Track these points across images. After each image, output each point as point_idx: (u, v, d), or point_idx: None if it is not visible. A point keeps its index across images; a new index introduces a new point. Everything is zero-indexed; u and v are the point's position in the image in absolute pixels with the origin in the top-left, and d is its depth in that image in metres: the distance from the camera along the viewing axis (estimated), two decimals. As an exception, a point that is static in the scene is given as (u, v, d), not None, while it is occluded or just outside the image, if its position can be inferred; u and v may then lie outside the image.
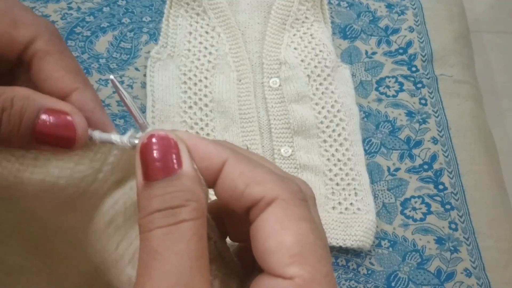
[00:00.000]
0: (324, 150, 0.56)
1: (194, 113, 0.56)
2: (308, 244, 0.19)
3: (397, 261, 0.52)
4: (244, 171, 0.20)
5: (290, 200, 0.20)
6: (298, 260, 0.19)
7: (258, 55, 0.60)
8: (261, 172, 0.20)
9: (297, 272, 0.18)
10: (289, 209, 0.20)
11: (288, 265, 0.19)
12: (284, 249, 0.19)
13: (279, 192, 0.20)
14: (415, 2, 0.67)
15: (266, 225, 0.19)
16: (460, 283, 0.52)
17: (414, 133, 0.59)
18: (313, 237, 0.19)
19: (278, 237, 0.19)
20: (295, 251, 0.19)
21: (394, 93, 0.61)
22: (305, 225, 0.19)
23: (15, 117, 0.21)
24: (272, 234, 0.19)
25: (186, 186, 0.20)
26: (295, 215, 0.19)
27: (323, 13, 0.63)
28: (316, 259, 0.19)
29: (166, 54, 0.59)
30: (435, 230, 0.54)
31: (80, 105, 0.23)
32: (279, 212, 0.19)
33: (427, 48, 0.64)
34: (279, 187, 0.20)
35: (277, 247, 0.19)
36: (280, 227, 0.19)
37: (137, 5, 0.64)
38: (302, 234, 0.19)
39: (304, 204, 0.20)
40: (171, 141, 0.20)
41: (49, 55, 0.23)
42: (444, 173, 0.57)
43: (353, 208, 0.53)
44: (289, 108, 0.57)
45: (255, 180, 0.20)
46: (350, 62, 0.62)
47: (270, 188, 0.20)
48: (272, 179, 0.20)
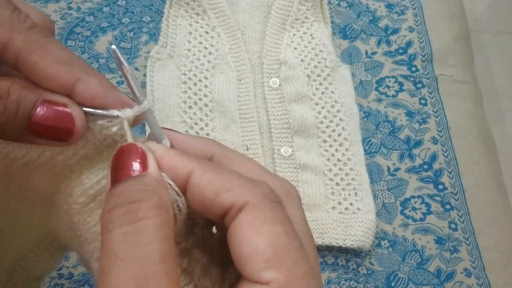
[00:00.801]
0: (324, 150, 0.56)
1: (194, 113, 0.56)
2: (282, 246, 0.19)
3: (397, 261, 0.52)
4: (211, 180, 0.20)
5: (261, 204, 0.19)
6: (273, 264, 0.18)
7: (258, 55, 0.60)
8: (229, 179, 0.20)
9: (273, 276, 0.18)
10: (259, 213, 0.19)
11: (264, 270, 0.18)
12: (258, 254, 0.19)
13: (249, 197, 0.19)
14: (415, 2, 0.67)
15: (238, 232, 0.19)
16: (460, 283, 0.52)
17: (414, 133, 0.59)
18: (286, 239, 0.19)
19: (251, 243, 0.19)
20: (269, 256, 0.18)
21: (394, 93, 0.61)
22: (277, 228, 0.19)
23: (11, 106, 0.20)
24: (245, 240, 0.19)
25: (148, 183, 0.19)
26: (267, 219, 0.19)
27: (323, 13, 0.63)
28: (291, 261, 0.19)
29: (166, 54, 0.59)
30: (435, 230, 0.54)
31: (88, 95, 0.21)
32: (250, 217, 0.19)
33: (427, 48, 0.64)
34: (248, 192, 0.20)
35: (251, 253, 0.19)
36: (252, 232, 0.19)
37: (137, 5, 0.64)
38: (275, 237, 0.19)
39: (276, 206, 0.20)
40: (139, 149, 0.20)
41: (33, 53, 0.20)
42: (444, 173, 0.57)
43: (353, 208, 0.53)
44: (289, 108, 0.57)
45: (224, 188, 0.20)
46: (350, 62, 0.62)
47: (239, 193, 0.20)
48: (241, 184, 0.20)
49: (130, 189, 0.19)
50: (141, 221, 0.18)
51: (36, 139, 0.21)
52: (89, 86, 0.21)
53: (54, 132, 0.21)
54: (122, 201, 0.19)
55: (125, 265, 0.18)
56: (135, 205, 0.19)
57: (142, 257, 0.18)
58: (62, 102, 0.21)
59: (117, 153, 0.21)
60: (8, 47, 0.20)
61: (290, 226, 0.20)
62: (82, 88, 0.21)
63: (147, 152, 0.21)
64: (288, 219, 0.20)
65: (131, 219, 0.18)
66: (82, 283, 0.48)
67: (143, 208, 0.19)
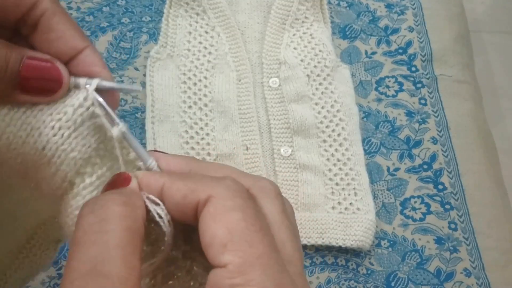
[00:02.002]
0: (324, 150, 0.56)
1: (193, 113, 0.56)
2: (238, 231, 0.20)
3: (396, 261, 0.52)
4: (179, 187, 0.22)
5: (221, 195, 0.21)
6: (229, 248, 0.20)
7: (258, 55, 0.60)
8: (193, 181, 0.22)
9: (229, 259, 0.19)
10: (220, 204, 0.21)
11: (222, 254, 0.20)
12: (216, 240, 0.20)
13: (211, 191, 0.21)
14: (415, 2, 0.67)
15: (203, 223, 0.21)
16: (460, 283, 0.52)
17: (413, 133, 0.59)
18: (243, 224, 0.20)
19: (211, 230, 0.20)
20: (225, 240, 0.20)
21: (394, 93, 0.61)
22: (235, 215, 0.20)
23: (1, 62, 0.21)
24: (207, 229, 0.20)
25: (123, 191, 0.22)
26: (226, 208, 0.21)
27: (323, 13, 0.63)
28: (246, 243, 0.20)
29: (165, 54, 0.59)
30: (434, 230, 0.54)
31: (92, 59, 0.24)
32: (212, 208, 0.21)
33: (427, 48, 0.64)
34: (210, 187, 0.21)
35: (211, 241, 0.20)
36: (212, 221, 0.20)
37: (137, 5, 0.64)
38: (232, 223, 0.20)
39: (238, 194, 0.21)
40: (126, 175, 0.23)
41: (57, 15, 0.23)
42: (443, 173, 0.57)
43: (352, 208, 0.53)
44: (289, 108, 0.57)
45: (190, 190, 0.22)
46: (349, 62, 0.62)
47: (202, 190, 0.21)
48: (204, 183, 0.22)
49: (105, 193, 0.22)
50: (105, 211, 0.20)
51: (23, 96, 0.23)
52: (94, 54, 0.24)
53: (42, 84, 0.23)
54: (94, 199, 0.22)
55: (85, 249, 0.19)
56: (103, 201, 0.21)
57: (101, 242, 0.20)
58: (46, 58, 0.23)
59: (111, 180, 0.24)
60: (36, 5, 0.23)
61: (250, 212, 0.21)
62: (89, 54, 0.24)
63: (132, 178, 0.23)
64: (249, 206, 0.21)
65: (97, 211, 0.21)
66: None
67: (110, 203, 0.21)
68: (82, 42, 0.24)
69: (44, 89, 0.23)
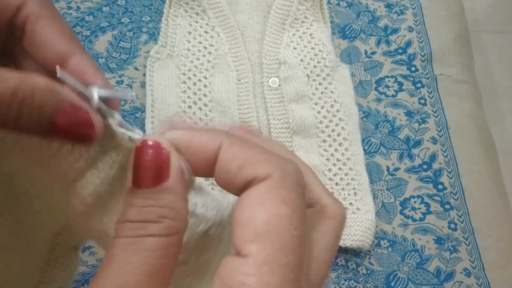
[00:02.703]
0: (323, 149, 0.56)
1: (193, 113, 0.56)
2: (278, 227, 0.18)
3: (396, 261, 0.52)
4: (237, 154, 0.20)
5: (279, 180, 0.19)
6: (260, 239, 0.18)
7: (258, 55, 0.60)
8: (255, 153, 0.20)
9: (253, 251, 0.18)
10: (274, 189, 0.19)
11: (250, 242, 0.18)
12: (251, 225, 0.18)
13: (271, 171, 0.19)
14: (415, 2, 0.67)
15: (246, 198, 0.19)
16: (460, 283, 0.52)
17: (413, 133, 0.59)
18: (287, 223, 0.18)
19: (251, 212, 0.18)
20: (260, 230, 0.18)
21: (394, 93, 0.61)
22: (283, 209, 0.18)
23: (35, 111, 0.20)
24: (247, 208, 0.18)
25: (166, 201, 0.20)
26: (278, 196, 0.18)
27: (323, 13, 0.63)
28: (279, 245, 0.18)
29: (165, 54, 0.59)
30: (434, 230, 0.54)
31: (80, 69, 0.22)
32: (263, 189, 0.19)
33: (427, 48, 0.64)
34: (272, 166, 0.19)
35: (246, 221, 0.18)
36: (256, 203, 0.18)
37: (137, 4, 0.64)
38: (277, 216, 0.18)
39: (294, 188, 0.19)
40: (163, 151, 0.20)
41: (42, 18, 0.22)
42: (443, 173, 0.57)
43: (352, 208, 0.53)
44: (289, 107, 0.57)
45: (248, 162, 0.19)
46: (349, 62, 0.62)
47: (262, 167, 0.19)
48: (267, 159, 0.19)
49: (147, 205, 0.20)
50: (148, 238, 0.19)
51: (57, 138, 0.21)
52: (83, 61, 0.22)
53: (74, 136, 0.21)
54: (136, 217, 0.19)
55: (117, 269, 0.18)
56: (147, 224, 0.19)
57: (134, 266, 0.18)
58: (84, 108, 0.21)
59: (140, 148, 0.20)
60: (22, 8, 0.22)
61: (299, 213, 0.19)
62: (76, 61, 0.22)
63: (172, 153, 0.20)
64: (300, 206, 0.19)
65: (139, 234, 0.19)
66: (82, 283, 0.48)
67: (154, 228, 0.19)
68: (69, 48, 0.22)
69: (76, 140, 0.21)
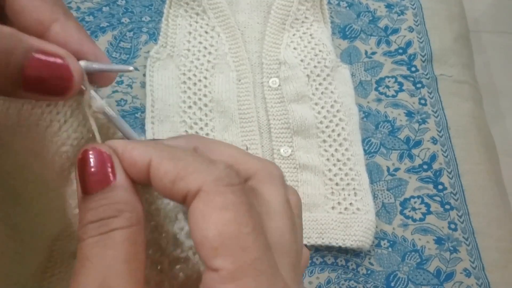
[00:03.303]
0: (324, 150, 0.56)
1: (193, 113, 0.56)
2: (230, 233, 0.19)
3: (396, 261, 0.52)
4: (168, 169, 0.20)
5: (212, 189, 0.19)
6: (221, 252, 0.18)
7: (258, 55, 0.60)
8: (184, 165, 0.20)
9: (221, 264, 0.18)
10: (210, 200, 0.19)
11: (213, 258, 0.19)
12: (207, 242, 0.19)
13: (201, 183, 0.19)
14: (415, 2, 0.67)
15: (192, 219, 0.19)
16: (460, 283, 0.52)
17: (413, 133, 0.59)
18: (235, 226, 0.19)
19: (202, 231, 0.19)
20: (216, 244, 0.19)
21: (394, 93, 0.61)
22: (226, 214, 0.19)
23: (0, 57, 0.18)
24: (197, 228, 0.19)
25: (119, 197, 0.20)
26: (217, 205, 0.19)
27: (323, 13, 0.63)
28: (239, 248, 0.18)
29: (165, 54, 0.59)
30: (434, 230, 0.54)
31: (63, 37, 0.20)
32: (201, 204, 0.19)
33: (427, 48, 0.64)
34: (201, 178, 0.19)
35: (201, 241, 0.19)
36: (202, 220, 0.19)
37: (137, 4, 0.64)
38: (223, 224, 0.19)
39: (230, 190, 0.20)
40: (104, 154, 0.21)
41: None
42: (443, 173, 0.57)
43: (352, 208, 0.53)
44: (289, 108, 0.57)
45: (179, 176, 0.20)
46: (349, 62, 0.62)
47: (192, 180, 0.19)
48: (195, 170, 0.20)
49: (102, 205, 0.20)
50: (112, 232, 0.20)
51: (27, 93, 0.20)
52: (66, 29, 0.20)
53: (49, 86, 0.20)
54: (94, 217, 0.20)
55: (93, 265, 0.19)
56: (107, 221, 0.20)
57: (108, 258, 0.19)
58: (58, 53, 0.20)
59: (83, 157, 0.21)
60: None
61: (242, 210, 0.19)
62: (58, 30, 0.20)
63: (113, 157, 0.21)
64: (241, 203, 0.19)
65: (103, 231, 0.20)
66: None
67: (115, 222, 0.20)
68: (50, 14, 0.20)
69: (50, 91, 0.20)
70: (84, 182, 0.20)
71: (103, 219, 0.20)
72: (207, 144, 0.23)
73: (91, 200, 0.20)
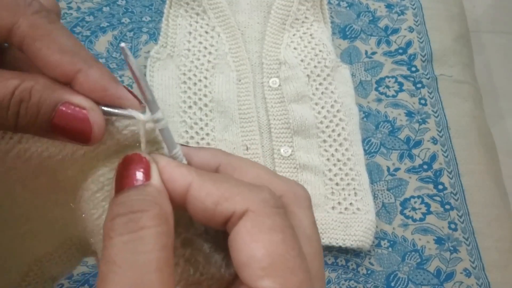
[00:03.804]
0: (324, 150, 0.56)
1: (193, 113, 0.56)
2: (279, 255, 0.19)
3: (396, 261, 0.52)
4: (211, 191, 0.20)
5: (260, 211, 0.20)
6: (269, 273, 0.18)
7: (258, 55, 0.60)
8: (227, 187, 0.20)
9: (268, 285, 0.18)
10: (258, 220, 0.19)
11: (260, 278, 0.18)
12: (255, 262, 0.19)
13: (248, 204, 0.20)
14: (415, 2, 0.67)
15: (238, 239, 0.19)
16: (460, 283, 0.52)
17: (413, 133, 0.59)
18: (284, 247, 0.19)
19: (249, 250, 0.19)
20: (265, 264, 0.19)
21: (394, 93, 0.61)
22: (275, 236, 0.19)
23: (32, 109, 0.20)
24: (244, 247, 0.19)
25: (150, 193, 0.20)
26: (265, 226, 0.19)
27: (323, 13, 0.63)
28: (288, 270, 0.19)
29: (165, 54, 0.59)
30: (434, 230, 0.54)
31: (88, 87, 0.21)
32: (249, 224, 0.19)
33: (427, 48, 0.64)
34: (248, 199, 0.20)
35: (248, 261, 0.19)
36: (250, 240, 0.19)
37: (137, 4, 0.64)
38: (272, 245, 0.19)
39: (276, 212, 0.20)
40: (143, 159, 0.21)
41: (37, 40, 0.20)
42: (443, 173, 0.57)
43: (352, 208, 0.53)
44: (289, 108, 0.57)
45: (223, 197, 0.20)
46: (349, 62, 0.62)
47: (239, 201, 0.20)
48: (240, 192, 0.20)
49: (132, 199, 0.20)
50: (141, 231, 0.19)
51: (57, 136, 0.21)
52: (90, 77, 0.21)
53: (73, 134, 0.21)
54: (123, 210, 0.19)
55: (123, 272, 0.18)
56: (136, 215, 0.19)
57: (139, 265, 0.18)
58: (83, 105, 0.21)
59: (122, 162, 0.21)
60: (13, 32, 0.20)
61: (289, 234, 0.20)
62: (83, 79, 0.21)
63: (151, 162, 0.21)
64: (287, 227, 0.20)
65: (132, 228, 0.19)
66: (82, 283, 0.48)
67: (144, 218, 0.19)
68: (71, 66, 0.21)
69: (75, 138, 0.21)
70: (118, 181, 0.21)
71: (131, 212, 0.19)
72: (232, 161, 0.23)
73: (122, 195, 0.20)
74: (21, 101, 0.20)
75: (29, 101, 0.20)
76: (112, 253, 0.19)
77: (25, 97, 0.20)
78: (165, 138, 0.22)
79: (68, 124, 0.21)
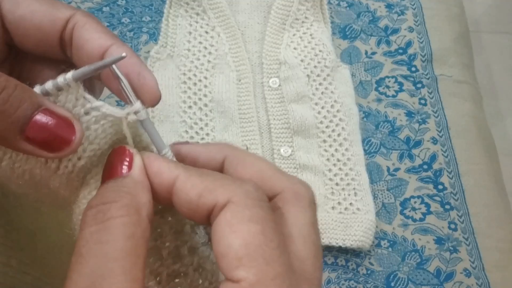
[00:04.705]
0: (324, 150, 0.56)
1: (193, 113, 0.56)
2: (256, 246, 0.19)
3: (396, 261, 0.52)
4: (196, 183, 0.20)
5: (241, 202, 0.20)
6: (245, 263, 0.18)
7: (258, 55, 0.60)
8: (212, 180, 0.20)
9: (243, 275, 0.18)
10: (238, 212, 0.19)
11: (236, 268, 0.18)
12: (231, 252, 0.19)
13: (230, 195, 0.20)
14: (415, 2, 0.67)
15: (218, 230, 0.19)
16: (460, 283, 0.52)
17: (413, 133, 0.59)
18: (262, 238, 0.19)
19: (227, 240, 0.19)
20: (241, 254, 0.19)
21: (394, 93, 0.61)
22: (254, 227, 0.19)
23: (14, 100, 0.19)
24: (222, 237, 0.19)
25: (126, 184, 0.20)
26: (245, 217, 0.19)
27: (323, 13, 0.63)
28: (263, 261, 0.18)
29: (165, 54, 0.59)
30: (434, 230, 0.54)
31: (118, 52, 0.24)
32: (229, 215, 0.19)
33: (427, 48, 0.64)
34: (230, 191, 0.20)
35: (225, 251, 0.19)
36: (229, 230, 0.19)
37: (137, 4, 0.64)
38: (250, 236, 0.19)
39: (258, 204, 0.20)
40: (127, 151, 0.21)
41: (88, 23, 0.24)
42: (443, 173, 0.57)
43: (352, 208, 0.53)
44: (289, 108, 0.57)
45: (207, 189, 0.20)
46: (349, 62, 0.62)
47: (221, 192, 0.20)
48: (224, 184, 0.20)
49: (107, 191, 0.20)
50: (107, 221, 0.19)
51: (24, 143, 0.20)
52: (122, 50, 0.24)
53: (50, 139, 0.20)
54: (96, 202, 0.20)
55: (86, 261, 0.18)
56: (106, 206, 0.19)
57: (101, 254, 0.18)
58: (65, 115, 0.21)
59: (109, 155, 0.22)
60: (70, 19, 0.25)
61: (269, 226, 0.19)
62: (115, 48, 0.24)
63: (135, 155, 0.21)
64: (268, 219, 0.20)
65: (100, 219, 0.19)
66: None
67: (112, 209, 0.19)
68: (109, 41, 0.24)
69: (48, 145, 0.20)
70: (103, 173, 0.21)
71: (103, 204, 0.19)
72: (238, 154, 0.24)
73: (100, 188, 0.20)
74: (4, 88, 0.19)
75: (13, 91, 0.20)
76: (80, 245, 0.19)
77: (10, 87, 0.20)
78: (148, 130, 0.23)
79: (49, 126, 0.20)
